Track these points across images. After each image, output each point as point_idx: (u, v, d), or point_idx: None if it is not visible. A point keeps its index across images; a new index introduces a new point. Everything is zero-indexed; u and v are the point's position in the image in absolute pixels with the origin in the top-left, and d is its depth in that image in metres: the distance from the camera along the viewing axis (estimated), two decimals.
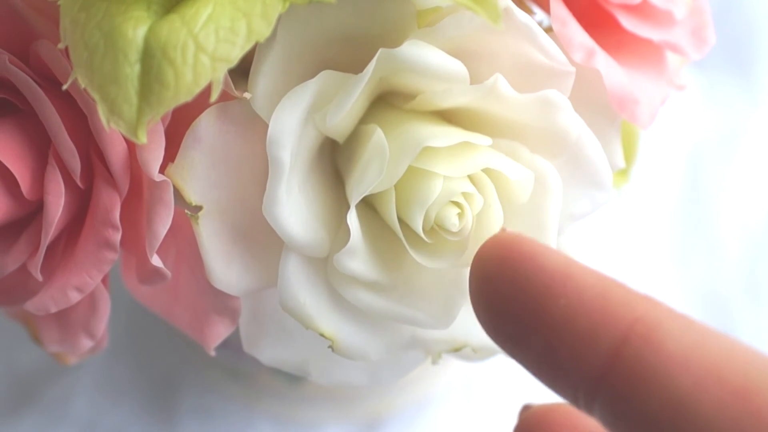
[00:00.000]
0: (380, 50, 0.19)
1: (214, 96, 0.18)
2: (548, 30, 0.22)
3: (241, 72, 0.21)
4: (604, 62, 0.22)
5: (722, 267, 0.43)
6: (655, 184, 0.45)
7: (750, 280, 0.43)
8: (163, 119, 0.21)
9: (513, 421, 0.20)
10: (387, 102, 0.21)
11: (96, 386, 0.39)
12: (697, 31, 0.26)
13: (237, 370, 0.36)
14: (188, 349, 0.39)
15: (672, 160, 0.46)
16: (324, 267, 0.21)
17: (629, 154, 0.29)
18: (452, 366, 0.37)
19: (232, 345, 0.30)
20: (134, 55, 0.18)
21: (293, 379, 0.34)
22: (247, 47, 0.18)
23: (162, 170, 0.20)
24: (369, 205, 0.21)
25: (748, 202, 0.45)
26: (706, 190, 0.46)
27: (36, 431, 0.38)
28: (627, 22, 0.24)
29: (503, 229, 0.17)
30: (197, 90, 0.18)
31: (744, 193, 0.45)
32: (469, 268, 0.21)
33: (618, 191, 0.31)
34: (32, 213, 0.22)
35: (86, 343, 0.23)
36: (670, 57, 0.26)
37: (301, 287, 0.20)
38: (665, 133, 0.46)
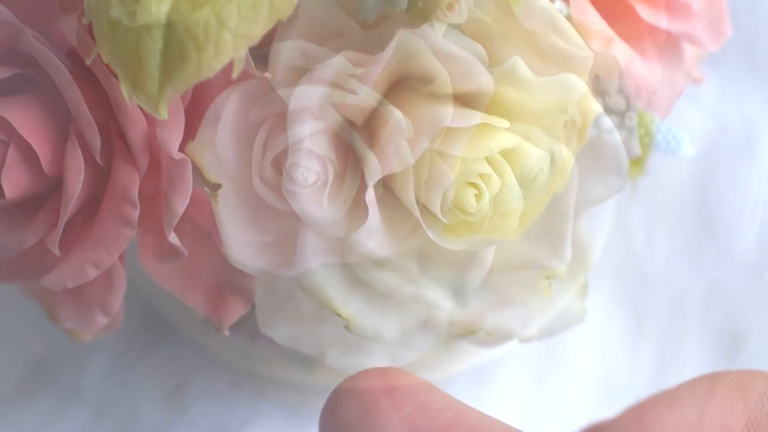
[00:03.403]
0: (400, 31, 0.19)
1: (236, 72, 0.18)
2: (567, 18, 0.22)
3: (259, 56, 0.21)
4: (622, 50, 0.23)
5: (733, 265, 0.43)
6: (668, 180, 0.45)
7: (761, 279, 0.43)
8: (183, 98, 0.21)
9: (526, 409, 0.20)
10: (405, 86, 0.21)
11: (107, 371, 0.39)
12: (715, 24, 0.26)
13: (248, 355, 0.36)
14: (200, 334, 0.39)
15: (685, 158, 0.46)
16: (341, 246, 0.21)
17: (645, 146, 0.29)
18: (465, 353, 0.37)
19: (244, 329, 0.30)
20: (157, 31, 0.18)
21: (304, 366, 0.34)
22: (269, 25, 0.18)
23: (181, 149, 0.20)
24: (386, 187, 0.21)
25: (761, 201, 0.45)
26: (719, 187, 0.46)
27: (48, 414, 0.38)
28: (645, 12, 0.24)
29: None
30: (219, 66, 0.18)
31: (757, 191, 0.45)
32: (486, 249, 0.21)
33: (633, 183, 0.31)
34: (52, 188, 0.22)
35: (101, 320, 0.23)
36: (687, 49, 0.26)
37: (318, 266, 0.20)
38: (680, 129, 0.46)
